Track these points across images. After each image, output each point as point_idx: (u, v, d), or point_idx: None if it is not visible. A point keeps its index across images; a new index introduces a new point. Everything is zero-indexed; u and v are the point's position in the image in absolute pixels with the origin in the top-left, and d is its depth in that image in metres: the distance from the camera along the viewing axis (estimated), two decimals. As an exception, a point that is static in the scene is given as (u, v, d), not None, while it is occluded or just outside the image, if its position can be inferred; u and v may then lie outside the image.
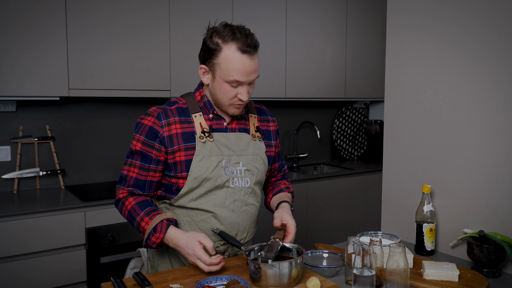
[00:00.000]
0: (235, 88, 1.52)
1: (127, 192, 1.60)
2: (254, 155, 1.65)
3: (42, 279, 2.37)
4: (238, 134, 1.64)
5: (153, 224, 1.51)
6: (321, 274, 1.53)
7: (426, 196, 1.81)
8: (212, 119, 1.61)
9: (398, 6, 2.05)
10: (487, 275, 1.59)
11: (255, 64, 1.51)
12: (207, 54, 1.52)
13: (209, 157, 1.56)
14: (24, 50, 2.48)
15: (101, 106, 3.07)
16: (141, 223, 1.54)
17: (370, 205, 3.84)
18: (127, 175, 1.60)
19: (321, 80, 3.69)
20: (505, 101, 1.67)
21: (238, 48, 1.47)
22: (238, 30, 1.49)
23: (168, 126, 1.55)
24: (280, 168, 1.86)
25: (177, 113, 1.58)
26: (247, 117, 1.69)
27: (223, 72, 1.50)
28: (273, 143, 1.75)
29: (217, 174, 1.57)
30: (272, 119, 1.78)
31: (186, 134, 1.56)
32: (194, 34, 2.97)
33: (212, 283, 1.40)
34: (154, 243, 1.51)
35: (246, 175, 1.62)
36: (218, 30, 1.51)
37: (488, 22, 1.71)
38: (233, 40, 1.47)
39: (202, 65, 1.56)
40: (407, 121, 2.03)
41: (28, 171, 2.78)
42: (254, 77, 1.53)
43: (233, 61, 1.48)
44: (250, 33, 1.52)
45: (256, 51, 1.51)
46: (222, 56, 1.48)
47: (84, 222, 2.48)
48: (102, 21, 2.68)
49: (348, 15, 3.81)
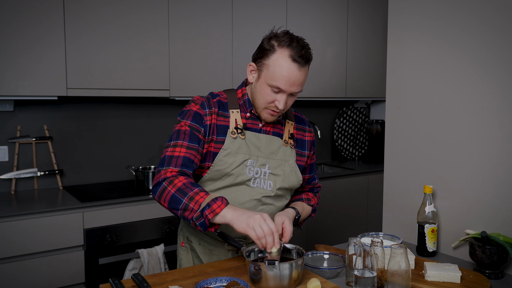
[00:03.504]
0: (275, 94, 1.54)
1: (177, 171, 1.50)
2: (282, 160, 1.65)
3: (40, 281, 2.36)
4: (270, 137, 1.65)
5: (212, 197, 1.41)
6: (322, 275, 1.52)
7: (427, 196, 1.79)
8: (248, 118, 1.63)
9: (399, 5, 2.04)
10: (489, 276, 1.57)
11: (301, 77, 1.52)
12: (260, 53, 1.55)
13: (236, 154, 1.58)
14: (22, 49, 2.46)
15: (100, 106, 3.05)
16: (195, 196, 1.42)
17: (371, 206, 3.83)
18: (172, 155, 1.52)
19: (322, 79, 3.68)
20: (507, 100, 1.66)
21: (290, 55, 1.49)
22: (296, 40, 1.52)
23: (210, 116, 1.58)
24: (309, 181, 1.84)
25: (217, 105, 1.61)
26: (283, 123, 1.71)
27: (269, 75, 1.52)
28: (306, 153, 1.75)
29: (239, 171, 1.58)
30: (309, 129, 1.78)
31: (221, 127, 1.59)
32: (193, 33, 2.95)
33: (211, 284, 1.39)
34: (213, 211, 1.38)
35: (270, 178, 1.62)
36: (278, 34, 1.54)
37: (489, 22, 1.70)
38: (288, 47, 1.50)
39: (252, 63, 1.59)
40: (408, 121, 2.02)
41: (26, 171, 2.77)
42: (296, 90, 1.54)
43: (281, 66, 1.49)
44: (307, 46, 1.55)
45: (306, 64, 1.53)
46: (273, 58, 1.51)
47: (82, 223, 2.46)
48: (101, 20, 2.67)
49: (349, 14, 3.80)
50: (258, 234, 1.35)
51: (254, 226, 1.36)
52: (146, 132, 3.24)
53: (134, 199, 2.63)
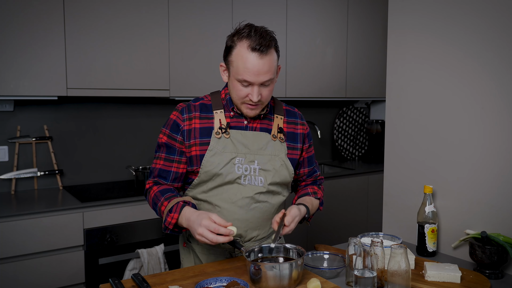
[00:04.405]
0: (245, 88, 1.53)
1: (152, 182, 1.65)
2: (272, 155, 1.64)
3: (39, 281, 2.35)
4: (257, 133, 1.64)
5: (169, 206, 1.53)
6: (322, 275, 1.52)
7: (428, 196, 1.79)
8: (232, 116, 1.64)
9: (399, 5, 2.04)
10: (489, 276, 1.57)
11: (265, 65, 1.49)
12: (225, 51, 1.56)
13: (222, 153, 1.58)
14: (22, 49, 2.46)
15: (100, 106, 3.05)
16: (161, 207, 1.56)
17: (371, 206, 3.83)
18: (154, 167, 1.66)
19: (322, 79, 3.67)
20: (507, 100, 1.65)
21: (249, 46, 1.48)
22: (255, 30, 1.50)
23: (189, 121, 1.60)
24: (310, 174, 1.83)
25: (199, 108, 1.63)
26: (271, 118, 1.69)
27: (234, 70, 1.52)
28: (298, 146, 1.73)
29: (227, 170, 1.58)
30: (301, 122, 1.76)
31: (204, 129, 1.60)
32: (193, 33, 2.95)
33: (211, 284, 1.38)
34: (170, 223, 1.52)
35: (261, 174, 1.62)
36: (238, 28, 1.54)
37: (489, 22, 1.70)
38: (246, 38, 1.49)
39: (222, 63, 1.60)
40: (408, 121, 2.02)
41: (25, 172, 2.77)
42: (264, 79, 1.51)
43: (243, 59, 1.49)
44: (269, 34, 1.51)
45: (268, 50, 1.49)
46: (235, 53, 1.51)
47: (82, 223, 2.46)
48: (101, 20, 2.67)
49: (349, 14, 3.80)
50: (212, 241, 1.42)
51: (205, 240, 1.42)
52: (146, 132, 3.24)
53: (134, 199, 2.63)
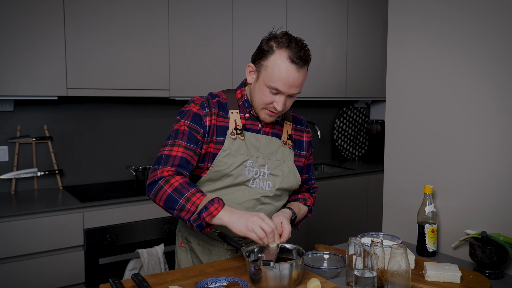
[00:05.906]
0: (273, 95, 1.54)
1: (173, 171, 1.49)
2: (281, 161, 1.65)
3: (39, 281, 2.35)
4: (269, 138, 1.65)
5: (208, 198, 1.42)
6: (322, 275, 1.52)
7: (428, 196, 1.79)
8: (248, 118, 1.63)
9: (399, 5, 2.04)
10: (489, 276, 1.57)
11: (300, 78, 1.52)
12: (259, 54, 1.56)
13: (235, 155, 1.57)
14: (22, 49, 2.46)
15: (100, 106, 3.05)
16: (192, 197, 1.42)
17: (371, 206, 3.83)
18: (169, 155, 1.52)
19: (322, 79, 3.67)
20: (507, 100, 1.65)
21: (288, 57, 1.49)
22: (295, 41, 1.52)
23: (210, 117, 1.58)
24: (306, 181, 1.83)
25: (217, 105, 1.61)
26: (282, 124, 1.71)
27: (267, 76, 1.52)
28: (304, 153, 1.75)
29: (238, 172, 1.57)
30: (306, 130, 1.79)
31: (220, 128, 1.59)
32: (193, 33, 2.95)
33: (211, 284, 1.38)
34: (210, 214, 1.39)
35: (269, 178, 1.62)
36: (277, 35, 1.54)
37: (489, 22, 1.70)
38: (286, 48, 1.50)
39: (251, 64, 1.59)
40: (408, 121, 2.01)
41: (25, 171, 2.77)
42: (295, 91, 1.54)
43: (280, 68, 1.49)
44: (306, 47, 1.54)
45: (305, 65, 1.53)
46: (271, 59, 1.51)
47: (82, 223, 2.46)
48: (101, 20, 2.67)
49: (349, 14, 3.80)
50: (259, 235, 1.38)
51: (254, 228, 1.38)
52: (146, 132, 3.24)
53: (134, 199, 2.63)
